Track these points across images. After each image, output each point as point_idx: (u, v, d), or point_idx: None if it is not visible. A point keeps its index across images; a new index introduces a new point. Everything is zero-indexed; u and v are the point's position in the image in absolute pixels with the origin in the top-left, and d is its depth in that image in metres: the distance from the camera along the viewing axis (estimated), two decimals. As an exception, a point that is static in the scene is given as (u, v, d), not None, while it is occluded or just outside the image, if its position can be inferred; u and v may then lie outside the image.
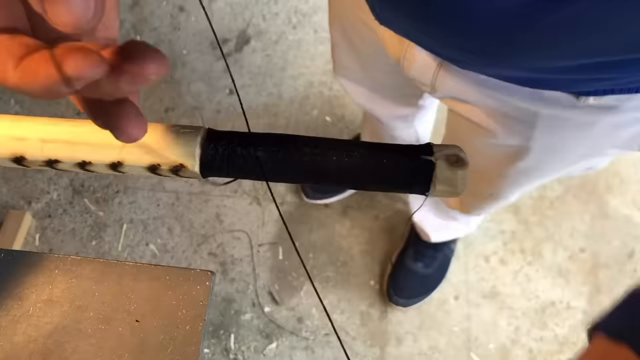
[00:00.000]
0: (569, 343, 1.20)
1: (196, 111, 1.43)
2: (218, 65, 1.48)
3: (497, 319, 1.21)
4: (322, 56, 1.48)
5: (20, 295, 0.46)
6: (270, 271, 1.26)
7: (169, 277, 0.47)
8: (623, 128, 0.48)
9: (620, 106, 0.44)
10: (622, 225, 1.30)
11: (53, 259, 0.48)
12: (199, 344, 0.44)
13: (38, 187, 1.35)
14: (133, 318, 0.45)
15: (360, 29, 0.63)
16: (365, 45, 0.66)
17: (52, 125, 0.32)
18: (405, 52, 0.53)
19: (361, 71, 0.75)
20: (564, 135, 0.51)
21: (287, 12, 1.54)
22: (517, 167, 0.59)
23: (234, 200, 1.33)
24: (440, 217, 1.08)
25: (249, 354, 1.19)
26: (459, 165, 0.29)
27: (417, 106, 0.83)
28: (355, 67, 0.75)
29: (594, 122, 0.47)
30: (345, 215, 1.31)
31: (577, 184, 1.35)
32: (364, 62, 0.72)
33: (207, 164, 0.31)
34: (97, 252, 1.28)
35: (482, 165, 0.64)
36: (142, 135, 0.23)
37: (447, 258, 1.23)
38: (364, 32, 0.63)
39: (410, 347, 1.19)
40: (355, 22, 0.64)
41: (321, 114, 1.42)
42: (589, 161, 0.57)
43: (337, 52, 0.76)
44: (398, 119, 0.89)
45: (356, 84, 0.80)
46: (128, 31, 1.52)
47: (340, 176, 0.31)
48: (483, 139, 0.57)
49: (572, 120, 0.47)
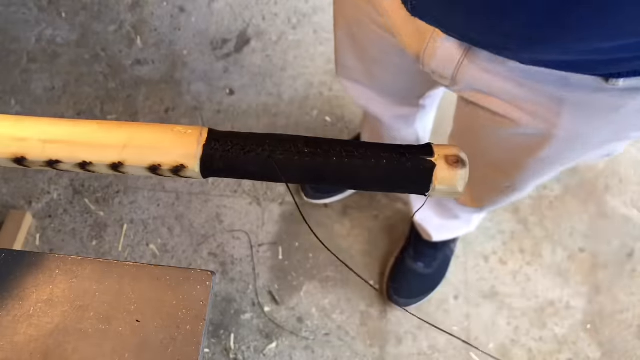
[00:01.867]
0: (569, 343, 1.20)
1: (196, 111, 1.43)
2: (218, 65, 1.48)
3: (497, 319, 1.22)
4: (322, 56, 1.48)
5: (20, 295, 0.46)
6: (270, 271, 1.26)
7: (170, 277, 0.47)
8: None
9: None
10: (622, 225, 1.30)
11: (54, 259, 0.48)
12: (200, 344, 0.44)
13: (38, 187, 1.36)
14: (133, 318, 0.45)
15: (369, 28, 0.63)
16: (371, 45, 0.66)
17: (52, 126, 0.32)
18: (426, 45, 0.53)
19: (365, 71, 0.75)
20: (589, 120, 0.50)
21: (287, 12, 1.54)
22: (538, 156, 0.59)
23: (234, 200, 1.33)
24: (442, 216, 1.08)
25: (249, 353, 1.19)
26: (459, 166, 0.30)
27: (418, 106, 0.83)
28: (359, 68, 0.75)
29: (621, 105, 0.47)
30: (345, 215, 1.32)
31: (577, 184, 1.35)
32: (369, 62, 0.71)
33: (208, 164, 0.31)
34: (98, 252, 1.29)
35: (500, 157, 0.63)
36: None
37: (447, 258, 1.23)
38: (372, 31, 0.63)
39: (409, 346, 1.20)
40: (362, 21, 0.63)
41: (321, 114, 1.42)
42: (609, 147, 0.57)
43: (341, 52, 0.76)
44: (399, 119, 0.89)
45: (359, 85, 0.80)
46: (128, 31, 1.52)
47: (341, 176, 0.31)
48: (504, 129, 0.57)
49: (599, 104, 0.47)
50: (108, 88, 1.46)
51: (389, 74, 0.71)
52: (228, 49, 1.50)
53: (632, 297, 1.24)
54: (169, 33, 1.52)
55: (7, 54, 1.50)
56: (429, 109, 0.88)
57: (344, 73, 0.80)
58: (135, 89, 1.46)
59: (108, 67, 1.48)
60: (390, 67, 0.68)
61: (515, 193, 0.74)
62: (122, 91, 1.45)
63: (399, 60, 0.63)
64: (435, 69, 0.55)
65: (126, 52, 1.50)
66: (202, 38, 1.51)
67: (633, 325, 1.22)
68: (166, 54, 1.50)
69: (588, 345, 1.20)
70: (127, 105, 1.44)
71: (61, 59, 1.49)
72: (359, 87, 0.81)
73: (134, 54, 1.50)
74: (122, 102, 1.44)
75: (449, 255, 1.24)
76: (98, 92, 1.45)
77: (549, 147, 0.56)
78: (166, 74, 1.47)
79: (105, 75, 1.47)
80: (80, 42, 1.51)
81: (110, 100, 1.44)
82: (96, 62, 1.49)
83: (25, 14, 1.55)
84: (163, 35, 1.52)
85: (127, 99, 1.45)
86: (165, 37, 1.52)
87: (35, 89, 1.46)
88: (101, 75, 1.47)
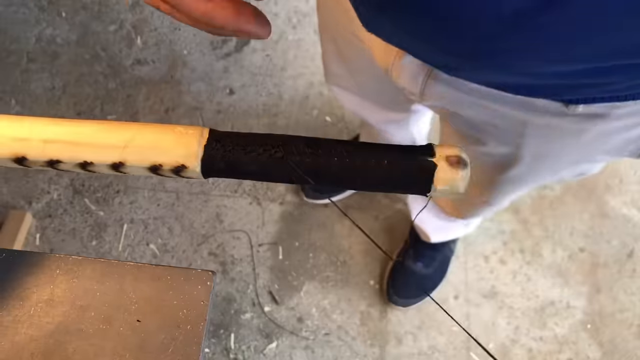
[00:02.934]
0: (569, 342, 1.20)
1: (196, 111, 1.43)
2: (218, 65, 1.48)
3: (497, 319, 1.22)
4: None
5: (21, 295, 0.46)
6: (270, 271, 1.26)
7: (170, 277, 0.47)
8: (613, 135, 0.47)
9: (609, 114, 0.43)
10: (622, 225, 1.31)
11: (54, 259, 0.48)
12: (200, 343, 0.44)
13: (38, 187, 1.36)
14: (134, 318, 0.45)
15: (349, 40, 0.63)
16: (354, 55, 0.66)
17: (53, 126, 0.32)
18: (393, 62, 0.52)
19: (351, 79, 0.75)
20: (554, 143, 0.51)
21: (287, 12, 1.54)
22: (508, 175, 0.60)
23: (234, 200, 1.33)
24: (440, 218, 1.08)
25: (249, 353, 1.19)
26: (460, 166, 0.29)
27: (409, 111, 0.83)
28: (345, 75, 0.75)
29: (582, 129, 0.46)
30: (346, 216, 1.31)
31: (577, 184, 1.35)
32: (354, 70, 0.72)
33: (209, 164, 0.31)
34: (98, 252, 1.29)
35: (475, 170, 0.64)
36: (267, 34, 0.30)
37: (446, 258, 1.23)
38: (352, 43, 0.63)
39: (410, 346, 1.20)
40: (344, 32, 0.64)
41: (321, 114, 1.42)
42: (579, 167, 0.57)
43: (327, 60, 0.76)
44: (391, 123, 0.88)
45: (347, 92, 0.80)
46: (128, 31, 1.52)
47: (341, 177, 0.31)
48: (473, 147, 0.57)
49: (561, 128, 0.47)
50: (108, 88, 1.46)
51: (375, 83, 0.70)
52: (228, 48, 1.50)
53: (632, 296, 1.24)
54: (169, 33, 1.52)
55: (7, 54, 1.50)
56: (422, 114, 0.87)
57: (332, 80, 0.81)
58: (135, 89, 1.46)
59: (108, 67, 1.48)
60: (375, 77, 0.68)
61: (492, 207, 0.74)
62: (122, 91, 1.45)
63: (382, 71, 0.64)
64: (404, 85, 0.54)
65: (126, 52, 1.50)
66: (202, 38, 1.51)
67: (633, 325, 1.22)
68: (166, 54, 1.50)
69: (588, 345, 1.20)
70: (127, 105, 1.44)
71: (61, 59, 1.49)
72: (348, 94, 0.81)
73: (134, 53, 1.50)
74: (122, 102, 1.44)
75: (448, 256, 1.24)
76: (98, 92, 1.45)
77: (517, 167, 0.57)
78: (166, 74, 1.47)
79: (105, 75, 1.47)
80: (80, 42, 1.51)
81: (110, 100, 1.44)
82: (96, 62, 1.49)
83: (25, 13, 1.55)
84: (163, 35, 1.52)
85: (127, 99, 1.45)
86: (165, 37, 1.52)
87: (35, 89, 1.46)
88: (101, 75, 1.47)
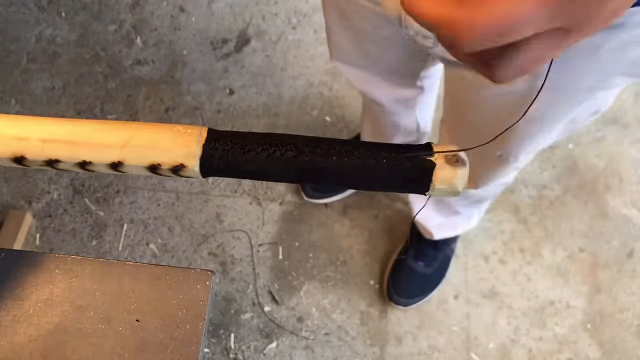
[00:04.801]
0: (569, 342, 1.20)
1: (196, 111, 1.43)
2: (218, 65, 1.48)
3: (497, 319, 1.22)
4: (322, 56, 1.48)
5: (20, 295, 0.46)
6: (270, 271, 1.26)
7: (170, 277, 0.47)
8: (629, 48, 0.48)
9: (625, 23, 0.44)
10: (621, 225, 1.30)
11: (53, 259, 0.48)
12: (200, 343, 0.44)
13: (38, 187, 1.36)
14: (133, 318, 0.45)
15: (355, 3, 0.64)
16: (361, 20, 0.67)
17: (52, 125, 0.32)
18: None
19: (358, 51, 0.75)
20: (571, 65, 0.51)
21: (287, 12, 1.54)
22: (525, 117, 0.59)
23: (234, 200, 1.33)
24: (442, 213, 1.09)
25: (249, 353, 1.19)
26: (459, 165, 0.30)
27: (415, 87, 0.84)
28: (352, 47, 0.75)
29: (600, 44, 0.47)
30: (345, 215, 1.32)
31: (577, 184, 1.35)
32: (361, 39, 0.72)
33: (207, 163, 0.31)
34: (98, 252, 1.29)
35: (488, 123, 0.64)
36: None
37: (447, 258, 1.23)
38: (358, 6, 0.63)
39: (409, 346, 1.20)
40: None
41: (321, 114, 1.42)
42: (596, 97, 0.57)
43: (333, 34, 0.77)
44: (399, 102, 0.89)
45: (354, 67, 0.81)
46: (128, 31, 1.52)
47: (340, 176, 0.31)
48: (488, 89, 0.57)
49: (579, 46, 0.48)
50: (108, 88, 1.46)
51: (382, 49, 0.71)
52: (228, 48, 1.50)
53: (632, 296, 1.24)
54: (169, 33, 1.52)
55: (7, 54, 1.50)
56: (428, 93, 0.88)
57: (338, 56, 0.81)
58: (135, 89, 1.46)
59: (108, 67, 1.48)
60: (382, 41, 0.69)
61: (508, 163, 0.74)
62: (122, 91, 1.45)
63: (389, 32, 0.64)
64: (418, 29, 0.55)
65: (126, 52, 1.50)
66: (202, 38, 1.51)
67: (633, 324, 1.22)
68: (166, 54, 1.50)
69: (588, 345, 1.20)
70: (127, 105, 1.44)
71: (61, 58, 1.49)
72: (355, 70, 0.81)
73: (134, 54, 1.50)
74: (122, 102, 1.44)
75: (449, 255, 1.24)
76: (98, 92, 1.45)
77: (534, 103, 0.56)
78: (166, 74, 1.47)
79: (105, 75, 1.47)
80: (80, 42, 1.51)
81: (110, 100, 1.44)
82: (96, 62, 1.49)
83: (25, 13, 1.55)
84: (163, 35, 1.52)
85: (127, 98, 1.45)
86: (165, 37, 1.52)
87: (35, 89, 1.46)
88: (101, 75, 1.47)
